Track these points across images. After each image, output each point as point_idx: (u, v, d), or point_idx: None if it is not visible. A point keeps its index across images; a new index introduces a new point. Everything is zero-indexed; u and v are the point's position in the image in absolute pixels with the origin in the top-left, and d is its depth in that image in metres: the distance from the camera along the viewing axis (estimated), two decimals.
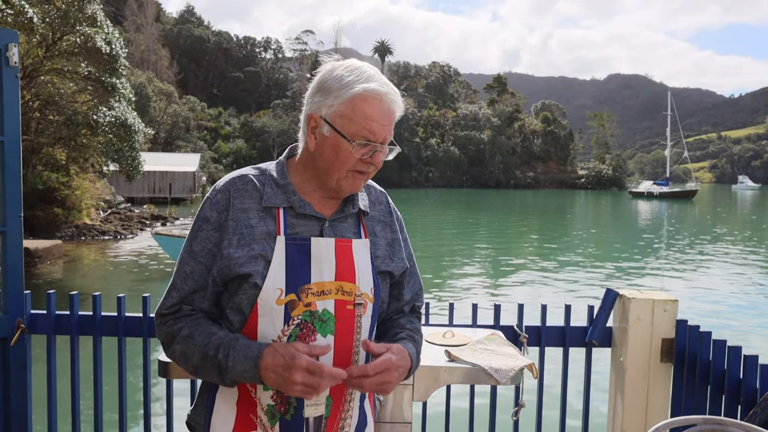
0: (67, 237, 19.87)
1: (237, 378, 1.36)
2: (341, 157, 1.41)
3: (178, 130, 66.36)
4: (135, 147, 19.54)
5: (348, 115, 1.39)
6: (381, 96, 1.40)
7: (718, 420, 1.72)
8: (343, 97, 1.39)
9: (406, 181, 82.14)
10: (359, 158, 1.41)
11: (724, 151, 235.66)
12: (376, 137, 1.40)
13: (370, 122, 1.39)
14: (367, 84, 1.39)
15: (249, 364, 1.33)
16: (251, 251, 1.40)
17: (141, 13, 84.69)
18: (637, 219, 37.54)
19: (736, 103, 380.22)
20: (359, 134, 1.39)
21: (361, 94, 1.38)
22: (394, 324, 1.62)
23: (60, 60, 17.31)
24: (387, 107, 1.41)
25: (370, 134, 1.39)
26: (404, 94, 1.53)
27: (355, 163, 1.42)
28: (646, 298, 2.41)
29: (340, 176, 1.43)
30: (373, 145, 1.41)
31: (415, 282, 1.67)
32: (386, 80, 1.44)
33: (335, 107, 1.40)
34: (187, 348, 1.41)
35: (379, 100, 1.40)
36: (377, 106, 1.39)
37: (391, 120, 1.43)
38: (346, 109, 1.39)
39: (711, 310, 11.31)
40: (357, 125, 1.38)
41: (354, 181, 1.45)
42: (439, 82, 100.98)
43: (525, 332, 2.54)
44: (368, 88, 1.39)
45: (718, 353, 2.19)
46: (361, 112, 1.38)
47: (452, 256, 18.69)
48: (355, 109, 1.39)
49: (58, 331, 2.52)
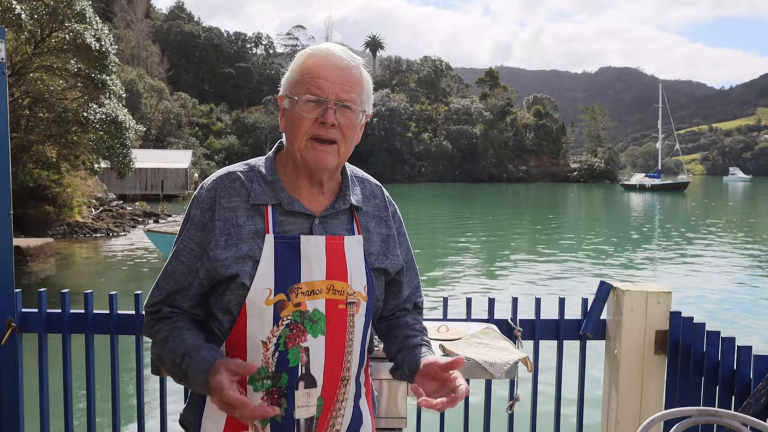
0: (58, 235, 19.78)
1: (195, 389, 1.35)
2: (296, 121, 1.39)
3: (169, 127, 66.04)
4: (126, 144, 19.43)
5: (298, 79, 1.40)
6: (328, 55, 1.39)
7: (713, 411, 1.72)
8: (295, 65, 1.42)
9: (398, 176, 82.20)
10: (314, 120, 1.37)
11: (715, 143, 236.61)
12: (325, 93, 1.36)
13: (316, 78, 1.37)
14: (315, 48, 1.41)
15: (201, 377, 1.31)
16: (238, 251, 1.37)
17: (131, 9, 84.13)
18: (630, 211, 37.73)
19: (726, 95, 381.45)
20: (306, 90, 1.37)
21: (309, 57, 1.40)
22: (400, 323, 1.60)
23: (49, 57, 17.17)
24: (335, 64, 1.38)
25: (318, 90, 1.36)
26: (396, 89, 1.51)
27: (311, 127, 1.38)
28: (639, 290, 2.41)
29: (301, 146, 1.39)
30: (323, 101, 1.37)
31: (413, 276, 1.64)
32: (345, 49, 1.43)
33: (290, 78, 1.42)
34: (162, 352, 1.40)
35: (326, 58, 1.39)
36: (323, 63, 1.38)
37: (344, 79, 1.38)
38: (296, 75, 1.40)
39: (704, 301, 11.38)
40: (304, 85, 1.38)
41: (316, 153, 1.39)
42: (430, 76, 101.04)
43: (519, 326, 2.54)
44: (315, 49, 1.41)
45: (711, 344, 2.20)
46: (307, 70, 1.38)
47: (446, 250, 18.72)
48: (302, 70, 1.40)
49: (49, 329, 2.50)
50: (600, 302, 2.50)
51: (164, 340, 1.40)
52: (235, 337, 1.39)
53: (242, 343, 1.38)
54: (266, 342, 1.36)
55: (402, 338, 1.56)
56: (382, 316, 1.62)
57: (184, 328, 1.41)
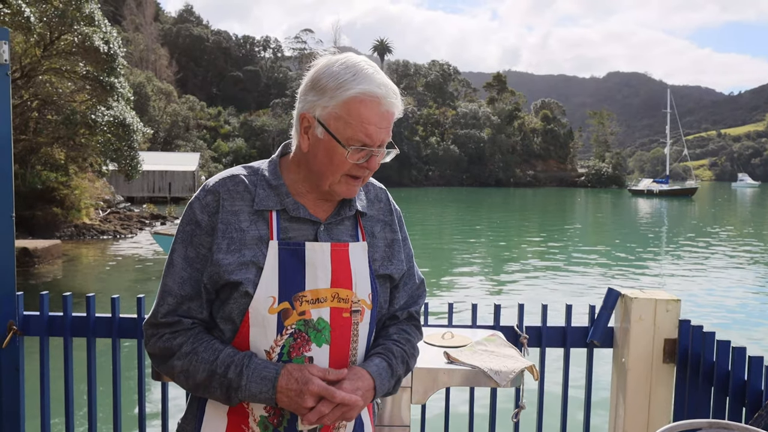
0: (66, 237, 19.85)
1: (249, 398, 1.31)
2: (335, 162, 1.34)
3: (177, 130, 66.44)
4: (134, 146, 19.51)
5: (343, 117, 1.31)
6: (379, 98, 1.31)
7: (723, 423, 1.69)
8: (339, 98, 1.30)
9: (405, 180, 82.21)
10: (354, 163, 1.34)
11: (724, 148, 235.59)
12: (373, 141, 1.32)
13: (367, 126, 1.31)
14: (364, 85, 1.30)
15: (266, 385, 1.29)
16: (242, 257, 1.33)
17: (140, 12, 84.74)
18: (638, 217, 37.55)
19: (735, 101, 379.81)
20: (355, 138, 1.31)
21: (357, 96, 1.30)
22: (381, 333, 1.54)
23: (58, 59, 17.27)
24: (385, 110, 1.33)
25: (367, 138, 1.31)
26: (404, 93, 1.47)
27: (350, 168, 1.35)
28: (648, 297, 2.37)
29: (334, 181, 1.36)
30: (369, 149, 1.33)
31: (412, 284, 1.58)
32: (385, 78, 1.36)
33: (330, 108, 1.31)
34: (190, 365, 1.33)
35: (377, 103, 1.31)
36: (375, 110, 1.31)
37: (389, 122, 1.35)
38: (341, 111, 1.30)
39: (714, 309, 11.23)
40: (353, 129, 1.30)
41: (348, 187, 1.38)
42: (438, 80, 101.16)
43: (525, 333, 2.51)
44: (366, 90, 1.30)
45: (722, 354, 2.15)
46: (358, 115, 1.30)
47: (452, 255, 18.67)
48: (351, 112, 1.30)
49: (51, 332, 2.48)
50: (608, 309, 2.46)
51: (193, 352, 1.34)
52: (237, 347, 1.36)
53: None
54: (269, 351, 1.34)
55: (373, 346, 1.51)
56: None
57: (210, 338, 1.36)
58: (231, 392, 1.30)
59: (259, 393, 1.29)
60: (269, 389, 1.28)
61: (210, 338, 1.36)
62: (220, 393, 1.32)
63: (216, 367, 1.31)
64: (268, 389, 1.28)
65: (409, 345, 1.52)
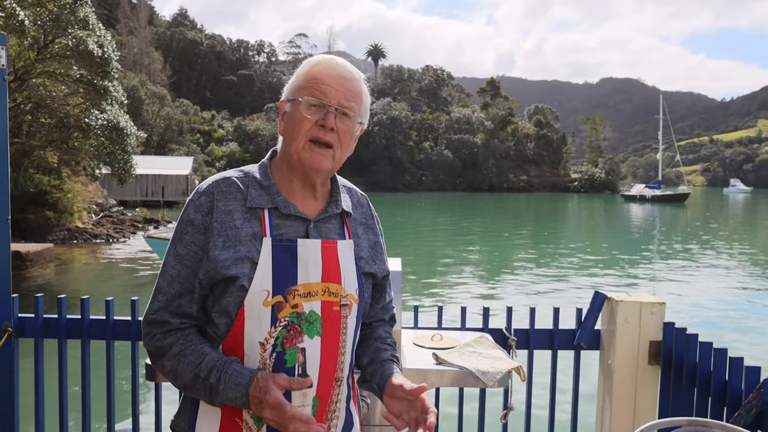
0: (58, 240, 19.81)
1: (227, 402, 1.37)
2: (296, 122, 1.43)
3: (170, 133, 66.25)
4: (127, 150, 19.45)
5: (302, 84, 1.45)
6: (333, 63, 1.46)
7: (702, 422, 1.73)
8: (301, 72, 1.47)
9: (399, 185, 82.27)
10: (314, 122, 1.42)
11: (716, 154, 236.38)
12: (328, 98, 1.42)
13: (321, 84, 1.43)
14: (321, 56, 1.47)
15: (240, 391, 1.34)
16: (237, 253, 1.39)
17: (134, 16, 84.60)
18: (630, 222, 37.69)
19: (727, 107, 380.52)
20: (310, 95, 1.43)
21: (314, 66, 1.46)
22: (374, 334, 1.64)
23: (52, 63, 17.22)
24: (339, 74, 1.45)
25: (321, 94, 1.42)
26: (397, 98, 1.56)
27: (311, 129, 1.42)
28: (633, 300, 2.42)
29: (299, 147, 1.43)
30: (326, 105, 1.42)
31: (390, 288, 1.70)
32: (349, 63, 1.49)
33: (294, 83, 1.47)
34: (177, 366, 1.40)
35: (330, 66, 1.45)
36: (328, 71, 1.44)
37: (347, 88, 1.45)
38: (301, 80, 1.46)
39: (698, 312, 11.36)
40: (309, 89, 1.44)
41: (313, 155, 1.43)
42: (432, 85, 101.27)
43: (514, 335, 2.55)
44: (321, 59, 1.47)
45: (704, 355, 2.20)
46: (312, 77, 1.44)
47: (443, 259, 18.70)
48: (307, 76, 1.45)
49: (46, 334, 2.50)
50: (594, 312, 2.51)
51: (180, 353, 1.40)
52: (232, 339, 1.40)
53: (240, 344, 1.40)
54: (264, 343, 1.38)
55: (374, 350, 1.60)
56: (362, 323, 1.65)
57: (199, 341, 1.42)
58: (213, 395, 1.37)
59: (234, 398, 1.35)
60: (242, 395, 1.34)
61: (199, 341, 1.41)
62: (203, 395, 1.38)
63: (200, 370, 1.36)
64: (242, 395, 1.34)
65: (395, 348, 1.66)
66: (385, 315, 1.67)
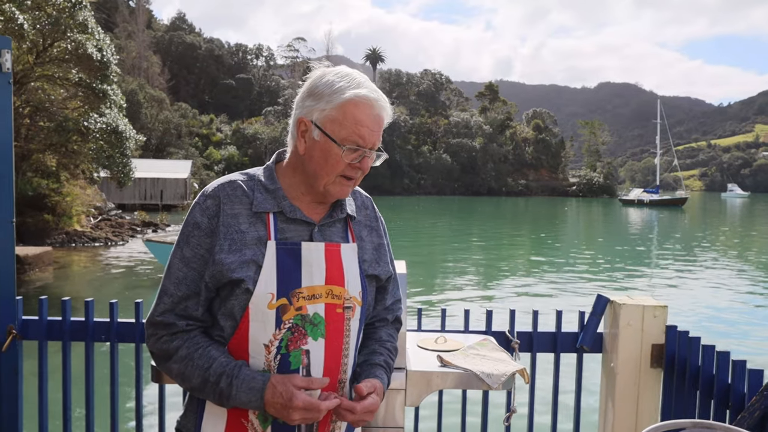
0: (57, 244, 19.73)
1: (241, 406, 1.39)
2: (331, 162, 1.43)
3: (169, 137, 66.22)
4: (126, 154, 19.45)
5: (339, 119, 1.41)
6: (371, 102, 1.42)
7: (707, 423, 1.73)
8: (335, 102, 1.41)
9: (397, 189, 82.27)
10: (348, 163, 1.43)
11: (714, 159, 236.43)
12: (366, 142, 1.42)
13: (361, 127, 1.41)
14: (358, 90, 1.41)
15: (255, 395, 1.36)
16: (243, 256, 1.40)
17: (132, 20, 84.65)
18: (628, 227, 37.68)
19: (725, 112, 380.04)
20: (349, 139, 1.41)
21: (352, 100, 1.40)
22: (375, 336, 1.64)
23: (51, 66, 17.23)
24: (377, 113, 1.43)
25: (360, 139, 1.41)
26: (395, 102, 1.57)
27: (344, 168, 1.44)
28: (636, 304, 2.42)
29: (329, 181, 1.45)
30: (363, 150, 1.43)
31: (396, 288, 1.69)
32: (375, 87, 1.47)
33: (326, 112, 1.41)
34: (185, 369, 1.41)
35: (369, 106, 1.42)
36: (367, 112, 1.42)
37: (381, 126, 1.45)
38: (337, 113, 1.41)
39: (700, 315, 11.36)
40: (347, 130, 1.40)
41: (341, 187, 1.47)
42: (430, 89, 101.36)
43: (516, 338, 2.55)
44: (359, 93, 1.41)
45: (707, 358, 2.20)
46: (352, 116, 1.40)
47: (444, 262, 18.70)
48: (345, 113, 1.40)
49: (50, 337, 2.50)
50: (597, 315, 2.51)
51: (188, 357, 1.41)
52: (237, 342, 1.42)
53: (244, 347, 1.41)
54: (268, 345, 1.40)
55: (369, 352, 1.60)
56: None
57: (206, 344, 1.42)
58: (224, 399, 1.38)
59: (248, 402, 1.36)
60: (257, 399, 1.35)
61: (206, 343, 1.42)
62: (213, 399, 1.40)
63: (209, 375, 1.38)
64: (257, 399, 1.35)
65: (395, 353, 1.66)
66: (389, 315, 1.67)
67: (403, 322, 1.91)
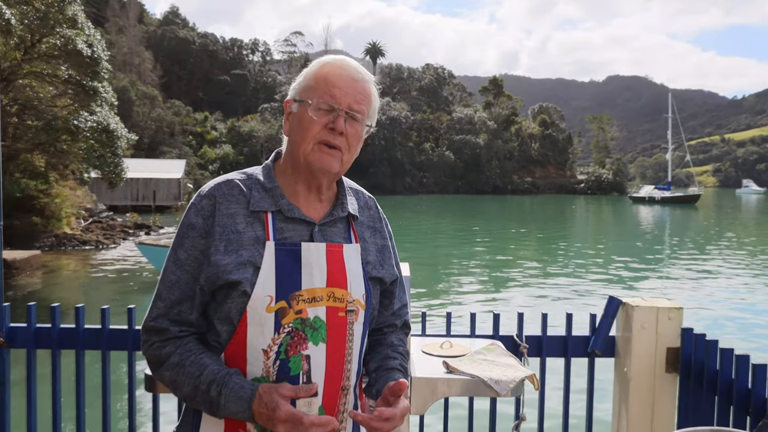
0: (46, 247, 19.43)
1: (230, 416, 1.34)
2: (304, 125, 1.41)
3: (162, 136, 66.05)
4: (117, 153, 19.34)
5: (311, 85, 1.43)
6: (343, 63, 1.45)
7: (727, 431, 1.68)
8: (309, 73, 1.46)
9: (399, 187, 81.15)
10: (324, 125, 1.40)
11: (728, 154, 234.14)
12: (338, 101, 1.40)
13: (331, 87, 1.41)
14: (330, 58, 1.46)
15: (243, 405, 1.32)
16: (239, 258, 1.36)
17: (123, 14, 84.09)
18: (639, 225, 37.28)
19: (739, 105, 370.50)
20: (321, 99, 1.41)
21: (324, 65, 1.45)
22: (386, 341, 1.61)
23: (39, 63, 17.08)
24: (349, 76, 1.43)
25: (331, 99, 1.40)
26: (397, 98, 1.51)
27: (320, 132, 1.40)
28: (650, 305, 2.36)
29: (307, 149, 1.41)
30: (336, 109, 1.40)
31: (402, 292, 1.66)
32: (359, 64, 1.48)
33: (302, 83, 1.46)
34: (177, 377, 1.37)
35: (339, 67, 1.44)
36: (337, 72, 1.43)
37: (357, 90, 1.43)
38: (309, 81, 1.44)
39: (716, 317, 11.17)
40: (319, 91, 1.41)
41: (321, 155, 1.41)
42: (433, 84, 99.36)
43: (525, 342, 2.50)
44: (330, 59, 1.46)
45: (725, 362, 2.14)
46: (323, 78, 1.42)
47: (449, 264, 18.59)
48: (317, 77, 1.43)
49: (38, 345, 2.45)
50: (609, 318, 2.45)
51: (179, 364, 1.37)
52: (234, 347, 1.38)
53: (242, 352, 1.37)
54: (267, 350, 1.36)
55: (383, 357, 1.56)
56: (372, 329, 1.61)
57: (199, 351, 1.39)
58: (214, 409, 1.34)
59: (237, 412, 1.32)
60: (246, 409, 1.31)
61: (199, 350, 1.38)
62: (205, 407, 1.36)
63: (200, 383, 1.34)
64: (245, 409, 1.31)
65: (408, 358, 1.63)
66: (397, 321, 1.63)
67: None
